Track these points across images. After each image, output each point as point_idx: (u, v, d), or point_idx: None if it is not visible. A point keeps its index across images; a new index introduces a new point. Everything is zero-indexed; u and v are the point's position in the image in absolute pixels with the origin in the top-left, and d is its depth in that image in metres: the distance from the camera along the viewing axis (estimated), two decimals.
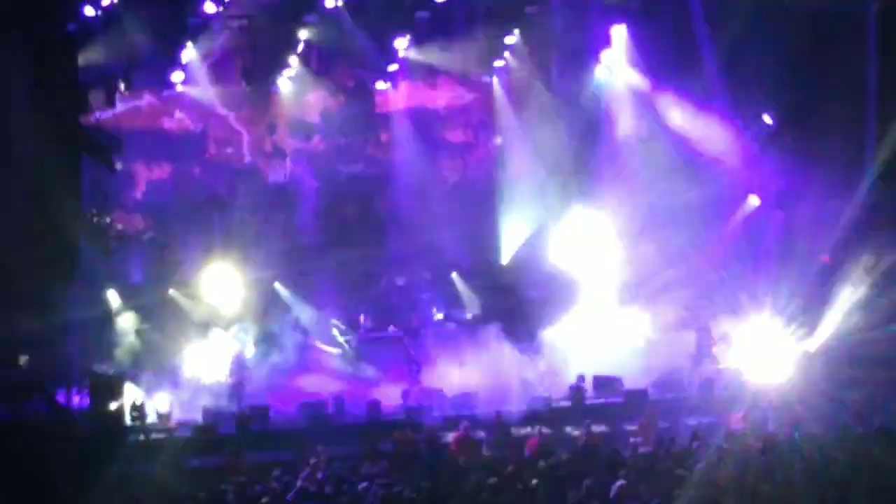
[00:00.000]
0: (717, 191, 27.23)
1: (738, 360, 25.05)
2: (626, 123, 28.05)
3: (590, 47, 28.03)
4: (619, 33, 27.77)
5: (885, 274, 23.60)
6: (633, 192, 27.64)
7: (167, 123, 28.55)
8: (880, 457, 17.15)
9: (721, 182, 27.18)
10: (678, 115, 27.53)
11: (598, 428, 20.93)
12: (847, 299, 23.79)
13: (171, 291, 26.98)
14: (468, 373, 24.74)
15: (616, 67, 28.02)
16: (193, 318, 26.68)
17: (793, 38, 25.15)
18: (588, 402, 23.59)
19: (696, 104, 27.24)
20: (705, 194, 26.81)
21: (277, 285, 27.69)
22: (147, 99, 28.10)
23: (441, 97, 29.70)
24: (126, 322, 26.55)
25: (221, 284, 27.05)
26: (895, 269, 23.60)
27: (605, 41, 27.88)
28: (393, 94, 28.99)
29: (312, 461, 18.51)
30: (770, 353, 24.27)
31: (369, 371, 26.16)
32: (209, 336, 26.11)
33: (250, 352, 26.01)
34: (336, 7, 26.82)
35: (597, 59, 28.06)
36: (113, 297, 26.63)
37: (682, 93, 27.27)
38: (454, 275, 28.51)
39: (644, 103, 27.86)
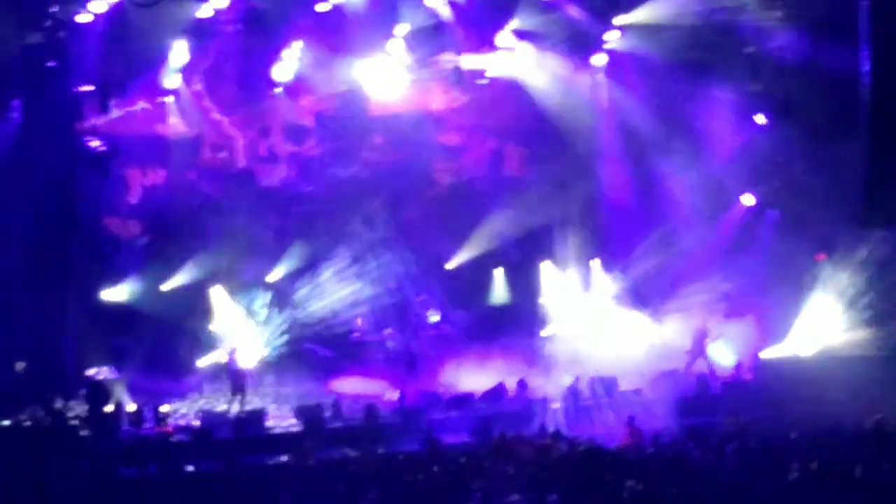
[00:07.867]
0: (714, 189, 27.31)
1: (733, 359, 25.22)
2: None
3: None
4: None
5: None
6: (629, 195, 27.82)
7: (161, 129, 28.42)
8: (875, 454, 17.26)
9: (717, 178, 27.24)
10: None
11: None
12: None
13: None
14: (466, 373, 24.80)
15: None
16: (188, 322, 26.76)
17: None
18: (582, 402, 23.61)
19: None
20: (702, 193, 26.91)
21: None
22: (141, 105, 28.03)
23: (435, 99, 29.66)
24: (122, 327, 26.55)
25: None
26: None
27: None
28: (387, 97, 28.95)
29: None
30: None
31: None
32: (207, 340, 26.16)
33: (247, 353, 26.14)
34: (329, 10, 26.79)
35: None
36: (109, 303, 26.64)
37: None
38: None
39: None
